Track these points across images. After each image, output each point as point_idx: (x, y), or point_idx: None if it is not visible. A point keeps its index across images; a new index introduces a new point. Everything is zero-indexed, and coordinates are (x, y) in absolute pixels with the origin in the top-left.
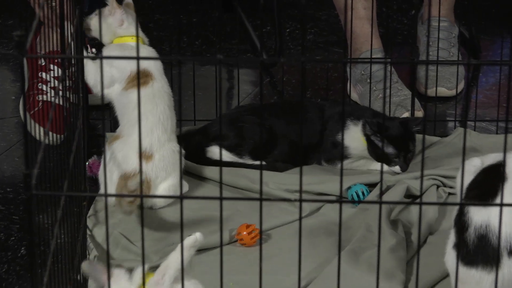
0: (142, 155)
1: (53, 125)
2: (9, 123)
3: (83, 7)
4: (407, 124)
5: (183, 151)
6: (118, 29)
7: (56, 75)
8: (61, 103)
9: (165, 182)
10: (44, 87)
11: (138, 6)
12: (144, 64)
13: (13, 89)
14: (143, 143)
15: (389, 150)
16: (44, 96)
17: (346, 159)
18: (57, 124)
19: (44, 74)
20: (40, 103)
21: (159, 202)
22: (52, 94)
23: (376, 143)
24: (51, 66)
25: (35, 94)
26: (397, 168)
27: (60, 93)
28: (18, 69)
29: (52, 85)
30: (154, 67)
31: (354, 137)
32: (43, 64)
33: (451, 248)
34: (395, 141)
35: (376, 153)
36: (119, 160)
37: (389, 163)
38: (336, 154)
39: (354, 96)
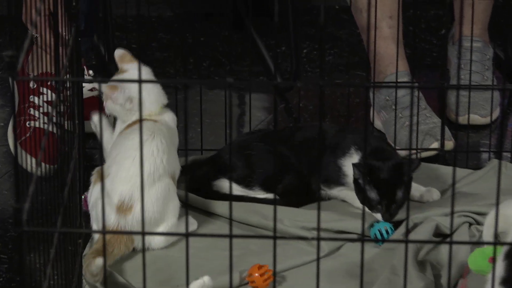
0: (121, 206)
1: (45, 154)
2: None
3: (79, 25)
4: (401, 167)
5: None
6: (128, 112)
7: (48, 99)
8: (54, 130)
9: (159, 227)
10: (35, 113)
11: (139, 24)
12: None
13: (1, 115)
14: (122, 189)
15: (372, 195)
16: (35, 123)
17: (341, 186)
18: (49, 153)
19: (35, 98)
20: (31, 130)
21: (157, 242)
22: (44, 120)
23: (360, 185)
24: (43, 89)
25: (25, 120)
26: (378, 216)
27: (53, 119)
28: (7, 93)
29: (44, 111)
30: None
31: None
32: (34, 87)
33: (499, 285)
34: (380, 186)
35: (360, 194)
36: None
37: (371, 208)
38: (334, 177)
39: (378, 124)
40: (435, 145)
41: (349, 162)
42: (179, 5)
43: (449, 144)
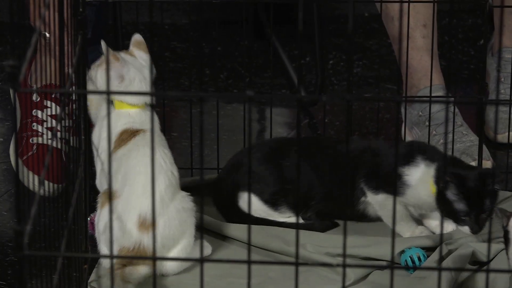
0: (143, 223)
1: (50, 173)
2: None
3: (86, 33)
4: (487, 176)
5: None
6: (116, 88)
7: (53, 113)
8: (59, 146)
9: (175, 248)
10: (39, 128)
11: (151, 32)
12: (137, 126)
13: (0, 130)
14: (142, 206)
15: (460, 206)
16: (39, 139)
17: (389, 194)
18: (54, 171)
19: (38, 112)
20: (34, 147)
21: (172, 268)
22: (49, 136)
23: (448, 197)
24: (47, 102)
25: (28, 137)
26: (466, 229)
27: (58, 134)
28: (7, 106)
29: (49, 126)
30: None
31: (422, 180)
32: (38, 100)
33: None
34: (469, 196)
35: (445, 207)
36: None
37: (458, 221)
38: (387, 184)
39: None
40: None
41: (414, 172)
42: (195, 11)
43: (487, 164)
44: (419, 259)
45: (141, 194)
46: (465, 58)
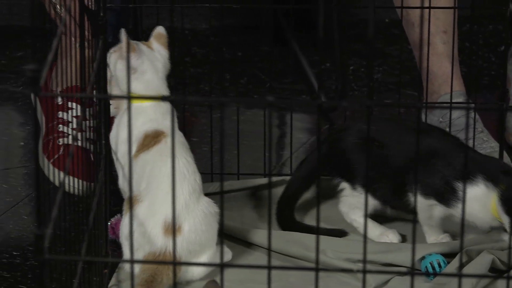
0: (168, 228)
1: (80, 171)
2: (16, 174)
3: (107, 36)
4: None
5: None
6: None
7: (77, 114)
8: (85, 146)
9: (202, 255)
10: (65, 129)
11: (172, 37)
12: (158, 126)
13: (21, 134)
14: (167, 211)
15: None
16: (66, 140)
17: (437, 202)
18: (84, 170)
19: (63, 114)
20: (62, 148)
21: (199, 274)
22: (76, 136)
23: None
24: (71, 104)
25: (55, 138)
26: None
27: (83, 135)
28: (28, 110)
29: (74, 126)
30: (167, 123)
31: (482, 203)
32: (61, 103)
33: None
34: None
35: None
36: (142, 235)
37: None
38: (439, 192)
39: None
40: None
41: (473, 190)
42: (216, 17)
43: None
44: (439, 265)
45: (166, 200)
46: (486, 64)
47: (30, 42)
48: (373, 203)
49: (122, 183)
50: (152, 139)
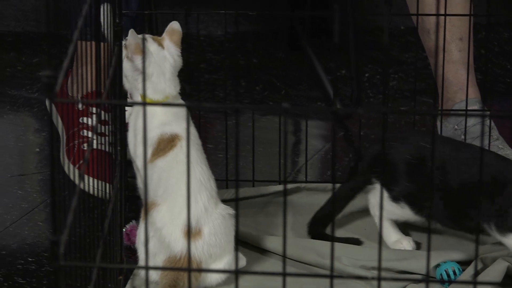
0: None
1: (104, 173)
2: (31, 180)
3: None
4: None
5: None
6: (135, 81)
7: (102, 119)
8: (109, 150)
9: (221, 259)
10: (89, 134)
11: (187, 43)
12: (172, 128)
13: (37, 140)
14: (187, 216)
15: None
16: (93, 144)
17: None
18: (107, 172)
19: (87, 119)
20: (88, 153)
21: (216, 279)
22: (100, 141)
23: None
24: (93, 109)
25: (79, 144)
26: None
27: (103, 139)
28: (44, 116)
29: (98, 131)
30: (182, 127)
31: None
32: (83, 108)
33: None
34: None
35: None
36: (161, 239)
37: None
38: None
39: None
40: None
41: None
42: (231, 23)
43: None
44: (454, 273)
45: (185, 204)
46: (501, 71)
47: (46, 48)
48: (413, 217)
49: (141, 186)
50: (167, 143)
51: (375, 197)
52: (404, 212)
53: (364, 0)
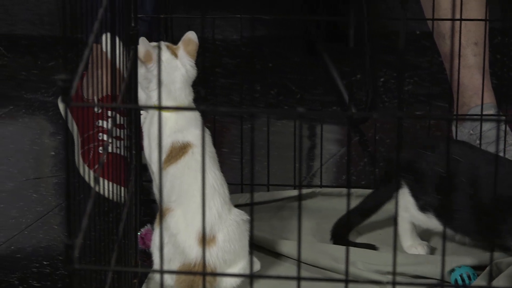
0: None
1: (119, 177)
2: (46, 183)
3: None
4: None
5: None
6: (146, 89)
7: (117, 122)
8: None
9: (236, 265)
10: (105, 137)
11: (202, 47)
12: (184, 136)
13: (52, 144)
14: (200, 222)
15: None
16: (108, 148)
17: None
18: (123, 176)
19: (104, 122)
20: (104, 156)
21: (230, 283)
22: (117, 145)
23: None
24: (110, 112)
25: (96, 147)
26: None
27: (119, 143)
28: (59, 120)
29: (114, 135)
30: (194, 134)
31: None
32: (99, 111)
33: None
34: None
35: None
36: (176, 245)
37: None
38: None
39: None
40: None
41: None
42: (247, 27)
43: None
44: (469, 277)
45: (199, 211)
46: None
47: (61, 52)
48: (439, 228)
49: (156, 192)
50: (179, 150)
51: (402, 197)
52: (431, 222)
53: (380, 5)
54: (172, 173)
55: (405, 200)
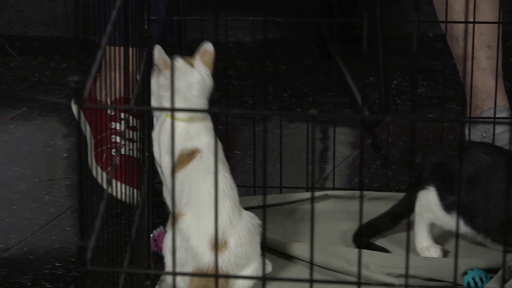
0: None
1: (133, 179)
2: (59, 185)
3: (151, 49)
4: None
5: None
6: (161, 99)
7: (130, 125)
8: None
9: (248, 267)
10: (118, 139)
11: (215, 50)
12: (194, 143)
13: (65, 145)
14: (211, 228)
15: None
16: (121, 150)
17: None
18: (135, 178)
19: (117, 124)
20: (117, 158)
21: (243, 286)
22: (130, 147)
23: None
24: (123, 114)
25: (109, 149)
26: None
27: (132, 145)
28: (72, 121)
29: (127, 137)
30: (203, 141)
31: None
32: (112, 113)
33: None
34: None
35: None
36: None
37: None
38: None
39: None
40: None
41: None
42: (260, 30)
43: None
44: (481, 280)
45: (209, 216)
46: None
47: (74, 53)
48: (462, 228)
49: (166, 196)
50: (187, 156)
51: (426, 197)
52: (455, 222)
53: (393, 7)
54: (181, 178)
55: (430, 201)
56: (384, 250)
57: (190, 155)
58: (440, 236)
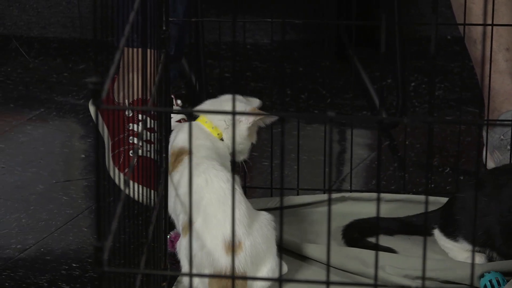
0: (229, 246)
1: (150, 181)
2: (76, 186)
3: (169, 50)
4: None
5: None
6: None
7: (147, 126)
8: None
9: (264, 266)
10: (136, 140)
11: (233, 51)
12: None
13: (82, 146)
14: (227, 230)
15: None
16: (138, 151)
17: None
18: (153, 180)
19: (134, 126)
20: (135, 160)
21: (261, 286)
22: (148, 148)
23: None
24: (141, 116)
25: (126, 151)
26: None
27: (150, 146)
28: (89, 123)
29: (145, 138)
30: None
31: None
32: (130, 115)
33: None
34: None
35: None
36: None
37: None
38: None
39: (491, 165)
40: None
41: None
42: (277, 32)
43: None
44: (498, 283)
45: (221, 220)
46: None
47: (92, 55)
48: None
49: (169, 209)
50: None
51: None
52: (462, 247)
53: (411, 10)
54: (178, 181)
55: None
56: (390, 251)
57: (178, 155)
58: None
